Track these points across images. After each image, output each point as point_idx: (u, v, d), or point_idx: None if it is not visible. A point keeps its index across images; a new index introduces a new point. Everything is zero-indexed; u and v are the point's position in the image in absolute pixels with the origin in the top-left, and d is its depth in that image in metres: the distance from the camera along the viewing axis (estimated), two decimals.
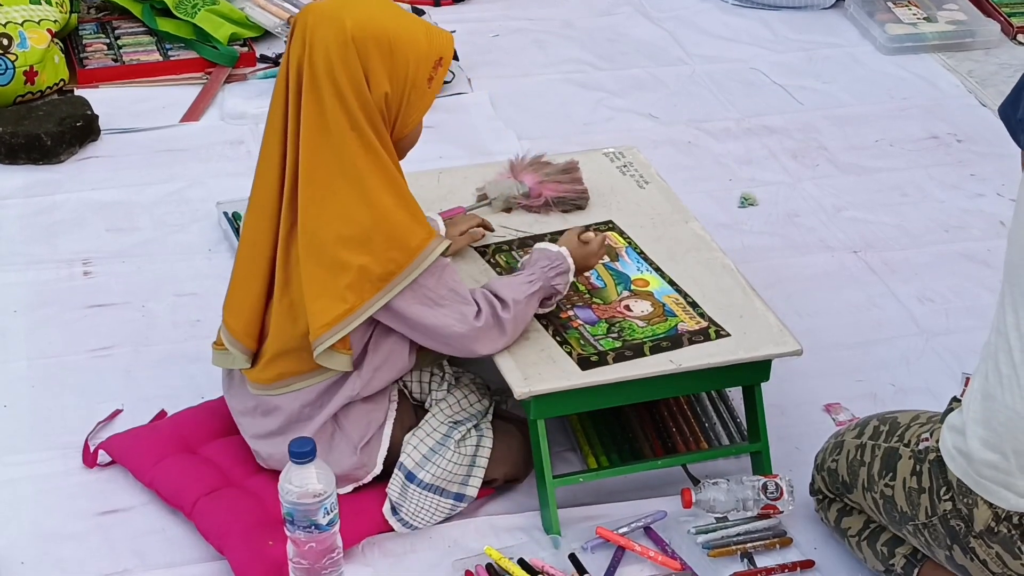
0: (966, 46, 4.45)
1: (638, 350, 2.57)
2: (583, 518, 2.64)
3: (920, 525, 2.29)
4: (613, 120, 4.01)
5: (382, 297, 2.42)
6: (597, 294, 2.70)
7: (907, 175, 3.81)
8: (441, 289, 2.46)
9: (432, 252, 2.43)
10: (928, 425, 2.34)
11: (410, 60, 2.40)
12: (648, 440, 2.78)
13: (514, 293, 2.53)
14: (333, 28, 2.37)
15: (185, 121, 3.90)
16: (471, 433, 2.60)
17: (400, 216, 2.42)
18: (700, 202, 3.45)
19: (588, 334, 2.60)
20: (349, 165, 2.39)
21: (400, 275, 2.42)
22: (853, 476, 2.44)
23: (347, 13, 2.38)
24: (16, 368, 2.98)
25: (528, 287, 2.55)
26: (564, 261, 2.61)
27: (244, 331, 2.54)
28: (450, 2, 4.63)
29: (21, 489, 2.69)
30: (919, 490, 2.28)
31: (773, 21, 4.59)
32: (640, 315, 2.65)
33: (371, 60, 2.37)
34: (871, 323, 3.22)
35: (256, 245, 2.51)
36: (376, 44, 2.37)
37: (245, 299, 2.54)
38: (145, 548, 2.57)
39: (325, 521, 2.36)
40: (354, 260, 2.40)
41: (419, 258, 2.42)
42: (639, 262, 2.79)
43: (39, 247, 3.37)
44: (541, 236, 2.83)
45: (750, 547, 2.58)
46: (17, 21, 3.85)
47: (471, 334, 2.48)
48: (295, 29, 2.41)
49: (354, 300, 2.42)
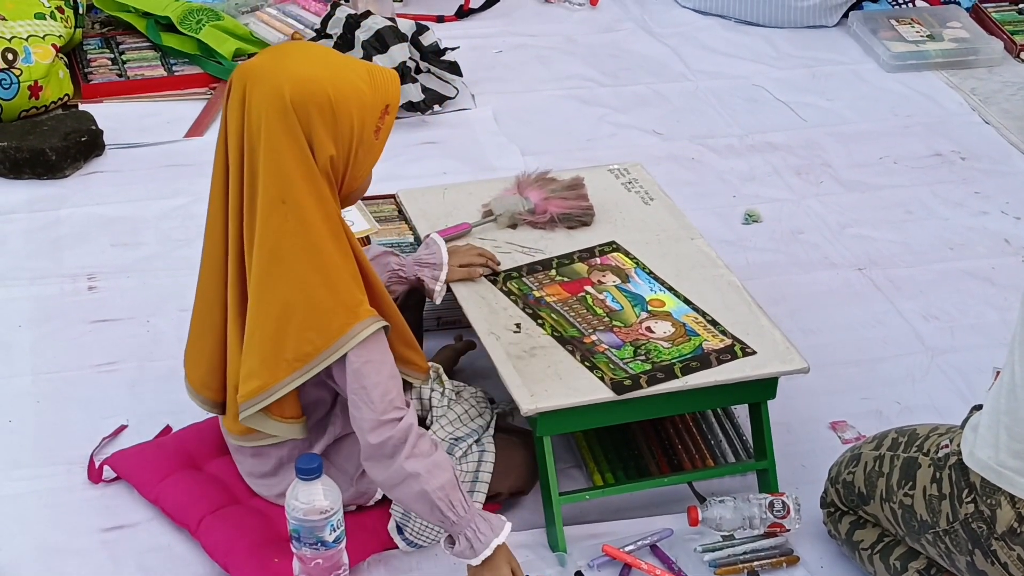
0: (969, 64, 4.46)
1: (669, 371, 2.56)
2: (589, 535, 2.63)
3: (941, 532, 2.29)
4: (616, 136, 4.02)
5: (297, 378, 2.34)
6: (616, 317, 2.69)
7: (911, 192, 3.81)
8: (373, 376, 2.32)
9: (353, 336, 2.30)
10: (948, 435, 2.35)
11: (355, 117, 2.29)
12: (654, 457, 2.78)
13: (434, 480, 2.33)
14: (271, 94, 2.25)
15: (190, 136, 3.90)
16: (472, 449, 2.59)
17: (321, 296, 2.30)
18: (704, 219, 3.45)
19: (616, 358, 2.58)
20: (272, 240, 2.30)
21: (317, 357, 2.32)
22: (871, 487, 2.44)
23: (285, 75, 2.26)
24: (21, 383, 2.98)
25: (445, 502, 2.34)
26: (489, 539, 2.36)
27: (203, 383, 2.52)
28: (453, 18, 4.64)
29: (26, 504, 2.68)
30: (939, 496, 2.29)
31: (776, 38, 4.60)
32: (663, 336, 2.65)
33: (313, 126, 2.26)
34: (876, 340, 3.22)
35: (208, 298, 2.47)
36: (318, 108, 2.26)
37: (202, 352, 2.51)
38: (150, 564, 2.57)
39: (332, 538, 2.35)
40: (271, 337, 2.33)
41: (338, 342, 2.30)
42: (650, 282, 2.79)
43: (44, 262, 3.37)
44: (548, 260, 2.82)
45: (756, 565, 2.57)
46: (22, 36, 3.85)
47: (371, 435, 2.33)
48: (231, 88, 2.31)
49: (268, 378, 2.35)
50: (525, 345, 2.62)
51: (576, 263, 2.83)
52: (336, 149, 2.30)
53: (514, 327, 2.65)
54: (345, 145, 2.31)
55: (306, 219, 2.29)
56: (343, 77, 2.30)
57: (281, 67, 2.29)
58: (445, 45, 4.18)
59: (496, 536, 2.38)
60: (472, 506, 2.39)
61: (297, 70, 2.28)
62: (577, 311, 2.69)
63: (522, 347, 2.62)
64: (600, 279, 2.79)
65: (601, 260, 2.85)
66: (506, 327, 2.65)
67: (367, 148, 2.35)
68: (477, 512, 2.40)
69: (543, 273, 2.80)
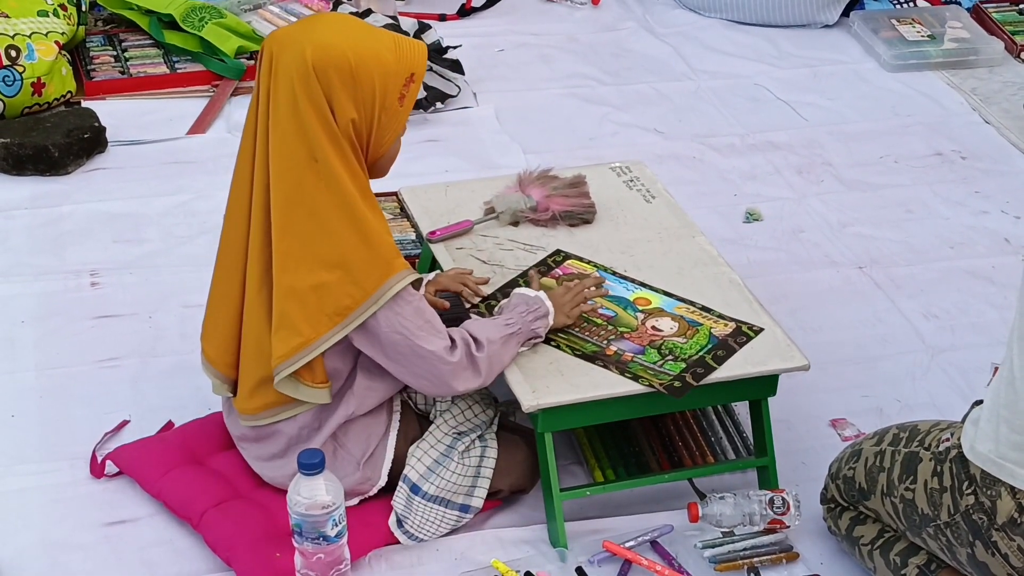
0: (970, 64, 4.47)
1: (704, 365, 2.57)
2: (590, 531, 2.64)
3: (942, 525, 2.30)
4: (618, 135, 4.02)
5: (338, 332, 2.39)
6: (616, 322, 2.69)
7: (912, 191, 3.82)
8: (417, 319, 2.41)
9: (390, 287, 2.37)
10: (949, 429, 2.36)
11: (376, 82, 2.35)
12: (654, 454, 2.79)
13: (488, 334, 2.49)
14: (295, 57, 2.33)
15: (192, 133, 3.91)
16: (475, 444, 2.60)
17: (358, 250, 2.37)
18: (705, 217, 3.46)
19: (647, 363, 2.58)
20: (308, 198, 2.36)
21: (357, 310, 2.38)
22: (872, 482, 2.45)
23: (308, 40, 2.34)
24: (24, 379, 2.99)
25: (505, 328, 2.52)
26: (543, 305, 2.58)
27: (219, 357, 2.54)
28: (455, 17, 4.65)
29: (29, 499, 2.69)
30: (940, 489, 2.30)
31: (777, 38, 4.61)
32: (672, 333, 2.65)
33: (333, 88, 2.33)
34: (877, 339, 3.23)
35: (228, 269, 2.50)
36: (337, 71, 2.33)
37: (218, 324, 2.53)
38: (153, 559, 2.57)
39: (333, 533, 2.36)
40: (311, 293, 2.38)
41: (376, 293, 2.37)
42: (620, 282, 2.78)
43: (47, 258, 3.38)
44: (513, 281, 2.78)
45: (756, 562, 2.58)
46: (25, 33, 3.86)
47: (446, 368, 2.43)
48: (263, 54, 2.39)
49: (309, 333, 2.39)
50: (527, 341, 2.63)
51: (545, 278, 2.80)
52: (358, 113, 2.36)
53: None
54: (367, 110, 2.37)
55: (337, 176, 2.35)
56: (366, 44, 2.36)
57: (307, 34, 2.37)
58: (447, 43, 4.19)
59: (541, 297, 2.58)
60: (512, 312, 2.56)
61: (321, 37, 2.35)
62: (579, 324, 2.68)
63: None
64: None
65: (562, 270, 2.81)
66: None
67: (391, 114, 2.40)
68: (515, 309, 2.56)
69: None
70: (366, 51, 2.35)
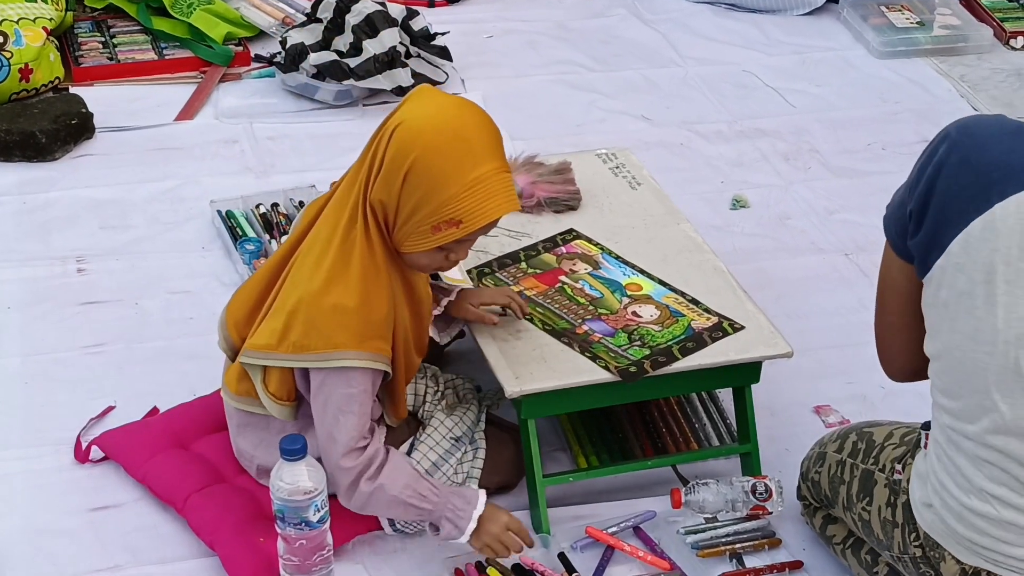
0: (959, 51, 4.47)
1: (669, 354, 2.57)
2: (573, 517, 2.65)
3: (894, 556, 2.30)
4: (606, 122, 4.02)
5: (287, 361, 2.37)
6: (599, 304, 2.70)
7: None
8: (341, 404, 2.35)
9: (344, 360, 2.32)
10: (902, 448, 2.32)
11: (416, 194, 2.26)
12: (638, 440, 2.79)
13: (396, 481, 2.38)
14: (402, 118, 2.27)
15: (180, 120, 3.91)
16: (468, 450, 2.61)
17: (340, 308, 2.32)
18: (692, 204, 3.46)
19: (613, 346, 2.59)
20: (327, 236, 2.35)
21: (305, 355, 2.35)
22: (834, 493, 2.45)
23: (421, 112, 2.27)
24: (9, 364, 2.99)
25: (417, 497, 2.40)
26: (471, 515, 2.42)
27: (233, 320, 2.52)
28: (444, 3, 4.64)
29: (13, 485, 2.70)
30: (893, 523, 2.27)
31: (766, 24, 4.61)
32: (651, 320, 2.66)
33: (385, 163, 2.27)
34: (861, 325, 3.19)
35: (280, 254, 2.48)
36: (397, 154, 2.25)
37: (248, 294, 2.52)
38: (137, 544, 2.58)
39: (316, 518, 2.37)
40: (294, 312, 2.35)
41: (330, 355, 2.33)
42: (620, 266, 2.80)
43: (33, 244, 3.38)
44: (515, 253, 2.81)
45: (739, 548, 2.59)
46: (12, 18, 3.85)
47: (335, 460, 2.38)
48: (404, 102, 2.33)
49: (275, 344, 2.38)
50: (510, 328, 2.63)
51: (543, 254, 2.83)
52: (384, 198, 2.30)
53: (500, 310, 2.66)
54: (393, 205, 2.30)
55: (362, 235, 2.32)
56: (449, 156, 2.25)
57: (431, 107, 2.29)
58: (435, 30, 4.18)
59: (475, 508, 2.42)
60: (441, 487, 2.43)
61: (429, 119, 2.27)
62: (560, 302, 2.70)
63: (507, 330, 2.63)
64: (572, 268, 2.79)
65: (566, 249, 2.84)
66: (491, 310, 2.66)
67: (417, 234, 2.30)
68: (448, 491, 2.43)
69: (514, 267, 2.79)
70: (438, 161, 2.24)
